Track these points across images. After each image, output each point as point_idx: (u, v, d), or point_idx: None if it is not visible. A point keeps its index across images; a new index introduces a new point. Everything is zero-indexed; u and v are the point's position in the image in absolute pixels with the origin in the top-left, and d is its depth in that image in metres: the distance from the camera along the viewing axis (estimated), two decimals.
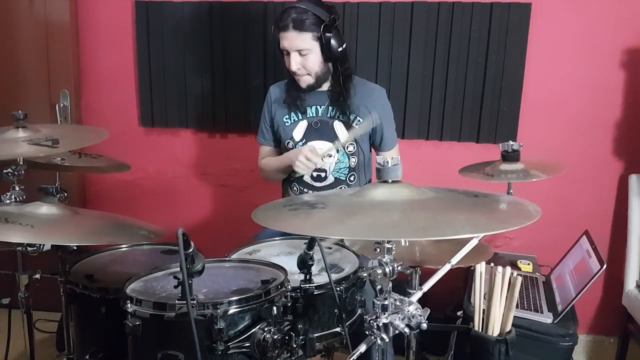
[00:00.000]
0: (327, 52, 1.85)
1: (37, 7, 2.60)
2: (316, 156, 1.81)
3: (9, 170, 1.54)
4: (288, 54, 1.86)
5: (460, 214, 1.00)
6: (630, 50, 2.32)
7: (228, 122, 2.63)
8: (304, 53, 1.85)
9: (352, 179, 2.01)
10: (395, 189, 1.06)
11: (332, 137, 1.96)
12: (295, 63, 1.86)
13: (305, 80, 1.91)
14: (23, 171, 1.56)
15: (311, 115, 1.98)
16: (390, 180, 1.07)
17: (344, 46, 1.88)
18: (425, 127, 2.49)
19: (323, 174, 1.98)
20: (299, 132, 1.99)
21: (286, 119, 2.00)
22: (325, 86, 1.97)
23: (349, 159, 1.99)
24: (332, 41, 1.83)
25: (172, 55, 2.61)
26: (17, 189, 1.55)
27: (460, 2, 2.36)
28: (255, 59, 2.54)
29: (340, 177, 2.00)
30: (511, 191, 1.78)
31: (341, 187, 2.00)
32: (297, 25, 1.81)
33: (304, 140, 1.98)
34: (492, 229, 0.93)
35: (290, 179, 2.04)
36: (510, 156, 1.74)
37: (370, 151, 2.08)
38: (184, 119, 2.67)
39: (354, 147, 1.98)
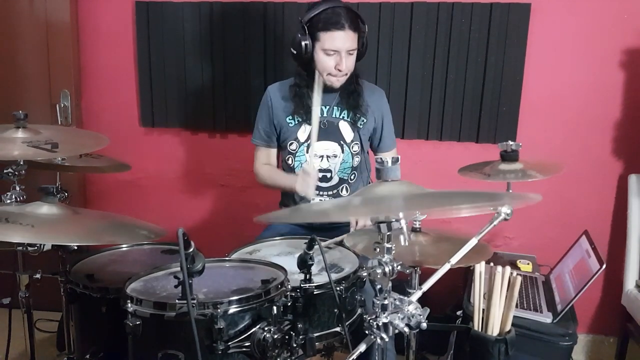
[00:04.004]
0: (361, 52, 1.88)
1: (37, 7, 2.61)
2: (309, 174, 1.79)
3: (10, 170, 1.55)
4: (335, 53, 1.81)
5: (462, 199, 1.03)
6: (629, 51, 2.33)
7: (228, 122, 2.64)
8: (351, 53, 1.83)
9: (352, 177, 2.02)
10: (395, 186, 1.06)
11: (337, 137, 1.96)
12: (345, 63, 1.82)
13: (341, 81, 1.89)
14: (24, 171, 1.56)
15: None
16: (389, 180, 1.07)
17: (367, 46, 1.91)
18: (425, 127, 2.49)
19: (328, 174, 1.98)
20: (303, 132, 1.97)
21: (289, 119, 1.98)
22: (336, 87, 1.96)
23: (353, 159, 1.99)
24: (365, 44, 1.88)
25: (173, 56, 2.61)
26: (17, 188, 1.55)
27: (460, 3, 2.36)
28: (255, 59, 2.54)
29: (344, 177, 2.00)
30: (510, 191, 1.78)
31: (343, 187, 2.00)
32: (352, 25, 1.79)
33: (309, 141, 1.97)
34: (494, 204, 0.98)
35: None
36: (509, 156, 1.74)
37: (368, 152, 2.08)
38: (183, 119, 2.68)
39: (358, 147, 1.98)
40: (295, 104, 1.94)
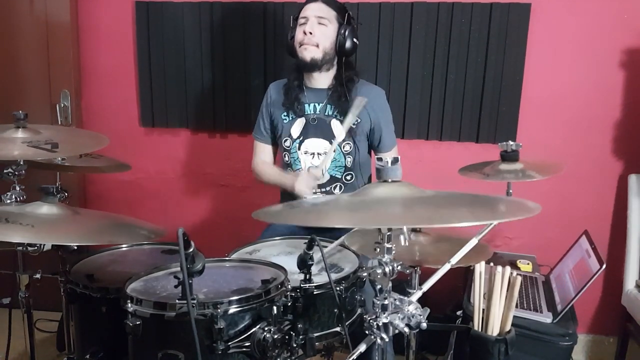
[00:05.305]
0: (340, 39, 1.90)
1: (37, 7, 2.61)
2: (313, 179, 1.86)
3: (10, 170, 1.54)
4: (305, 21, 1.90)
5: (462, 207, 1.01)
6: (629, 51, 2.33)
7: (228, 122, 2.64)
8: (322, 22, 1.89)
9: (348, 178, 2.01)
10: (395, 188, 1.06)
11: (329, 135, 1.96)
12: (310, 26, 1.88)
13: (311, 51, 1.90)
14: (24, 171, 1.56)
15: (309, 112, 1.99)
16: (390, 180, 1.07)
17: (355, 40, 1.93)
18: (425, 127, 2.49)
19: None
20: (296, 129, 1.99)
21: (284, 116, 2.01)
22: (326, 84, 1.98)
23: (345, 158, 1.99)
24: (349, 32, 1.90)
25: (172, 55, 2.61)
26: (17, 188, 1.55)
27: (460, 3, 2.36)
28: (255, 59, 2.54)
29: (336, 176, 2.00)
30: (510, 191, 1.78)
31: (336, 185, 2.00)
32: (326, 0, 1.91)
33: (302, 138, 1.98)
34: (495, 218, 0.95)
35: None
36: (509, 156, 1.74)
37: (370, 152, 2.08)
38: (184, 119, 2.68)
39: (350, 147, 1.98)
40: (288, 100, 1.98)
